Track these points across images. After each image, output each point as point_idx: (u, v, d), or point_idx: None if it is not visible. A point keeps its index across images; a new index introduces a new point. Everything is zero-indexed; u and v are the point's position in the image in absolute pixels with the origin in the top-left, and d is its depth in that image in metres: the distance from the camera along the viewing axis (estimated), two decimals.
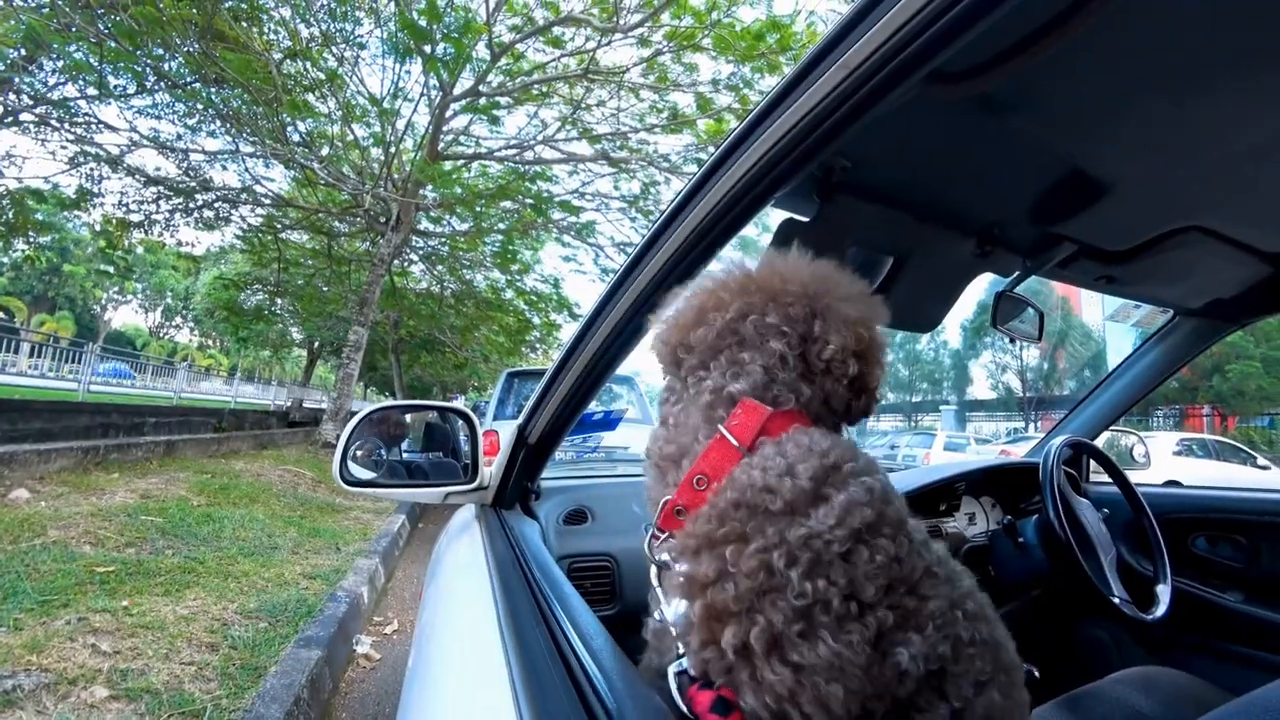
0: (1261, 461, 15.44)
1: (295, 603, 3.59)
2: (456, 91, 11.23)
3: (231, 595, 3.61)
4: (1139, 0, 0.67)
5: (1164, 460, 12.70)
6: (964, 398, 44.59)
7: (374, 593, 4.40)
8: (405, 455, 1.63)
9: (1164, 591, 1.71)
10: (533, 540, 1.22)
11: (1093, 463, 2.21)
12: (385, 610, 4.35)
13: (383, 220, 12.57)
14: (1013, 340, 1.58)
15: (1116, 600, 1.58)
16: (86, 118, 10.76)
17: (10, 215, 11.33)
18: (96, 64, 9.25)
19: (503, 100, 12.03)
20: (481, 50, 10.59)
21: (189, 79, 10.17)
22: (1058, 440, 1.86)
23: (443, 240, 15.99)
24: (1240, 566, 1.94)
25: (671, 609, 0.67)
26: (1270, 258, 1.46)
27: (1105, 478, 2.05)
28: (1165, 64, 0.80)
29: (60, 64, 10.01)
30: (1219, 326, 1.98)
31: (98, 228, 13.28)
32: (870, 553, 0.64)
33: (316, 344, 28.53)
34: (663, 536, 0.72)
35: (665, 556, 0.70)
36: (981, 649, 0.67)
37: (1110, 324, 34.64)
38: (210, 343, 55.75)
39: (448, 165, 12.71)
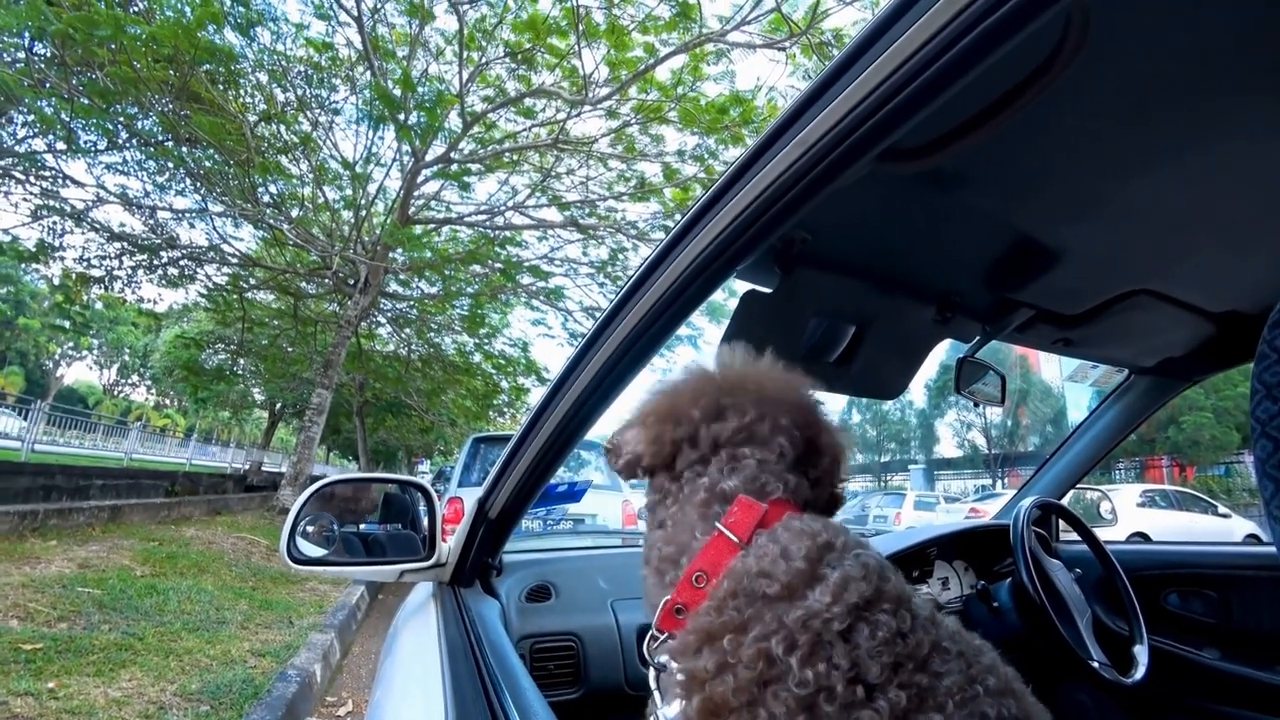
0: (1222, 510, 15.77)
1: (241, 683, 3.36)
2: (429, 157, 11.42)
3: (171, 675, 3.36)
4: (1078, 80, 0.71)
5: (1129, 512, 12.93)
6: (932, 456, 45.16)
7: (328, 670, 4.15)
8: (363, 528, 1.55)
9: (1141, 652, 1.70)
10: (490, 622, 1.16)
11: (1062, 522, 2.22)
12: (340, 690, 4.10)
13: (351, 282, 12.51)
14: (976, 404, 1.60)
15: (1095, 664, 1.55)
16: (52, 172, 10.64)
17: None
18: (67, 119, 9.22)
19: (474, 167, 12.26)
20: (454, 119, 10.85)
21: (161, 138, 10.18)
22: (1026, 501, 1.86)
23: (411, 303, 15.94)
24: (1214, 622, 1.94)
25: (670, 710, 0.64)
26: (1215, 318, 1.52)
27: (1075, 536, 2.06)
28: (1106, 139, 0.85)
29: (30, 118, 9.95)
30: (1172, 384, 2.04)
31: (56, 282, 12.92)
32: (871, 630, 0.62)
33: (279, 406, 27.80)
34: (661, 638, 0.70)
35: (664, 658, 0.68)
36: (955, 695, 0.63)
37: (1069, 383, 35.76)
38: (167, 402, 53.94)
39: (418, 229, 12.79)
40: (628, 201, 12.35)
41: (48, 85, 8.76)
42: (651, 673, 0.69)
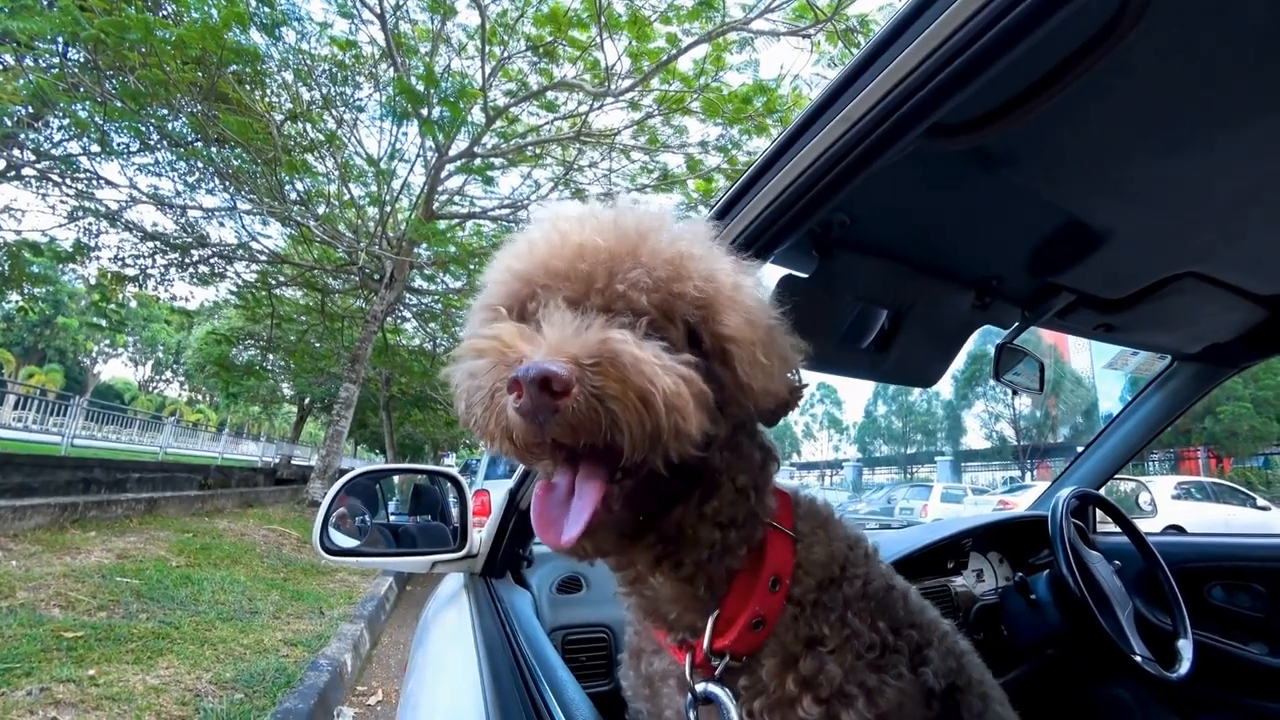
0: (1261, 502, 15.28)
1: (274, 672, 3.42)
2: (452, 153, 11.50)
3: (207, 663, 3.44)
4: (1127, 57, 0.68)
5: (1163, 504, 12.63)
6: (958, 448, 44.54)
7: (358, 660, 4.21)
8: (392, 518, 1.56)
9: (1186, 647, 1.64)
10: (523, 613, 1.15)
11: (1099, 512, 2.17)
12: (369, 679, 4.16)
13: (377, 278, 12.66)
14: (1015, 392, 1.56)
15: (1139, 659, 1.51)
16: (87, 174, 10.92)
17: (6, 267, 11.34)
18: (101, 122, 9.44)
19: (497, 161, 12.32)
20: (477, 114, 10.90)
21: (191, 138, 10.39)
22: (1065, 492, 1.81)
23: (436, 298, 16.09)
24: (1261, 617, 1.88)
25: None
26: (1265, 300, 1.47)
27: (1112, 527, 2.01)
28: (1154, 117, 0.82)
29: (65, 122, 10.23)
30: (1218, 371, 1.98)
31: (93, 281, 13.31)
32: (886, 579, 0.68)
33: (307, 400, 28.30)
34: (720, 664, 0.62)
35: (714, 688, 0.61)
36: (971, 657, 0.73)
37: (1105, 371, 35.04)
38: (200, 397, 55.23)
39: (442, 224, 12.89)
40: (651, 193, 12.31)
41: (81, 89, 8.98)
42: (693, 710, 0.63)
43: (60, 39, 8.67)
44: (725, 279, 0.60)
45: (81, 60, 9.08)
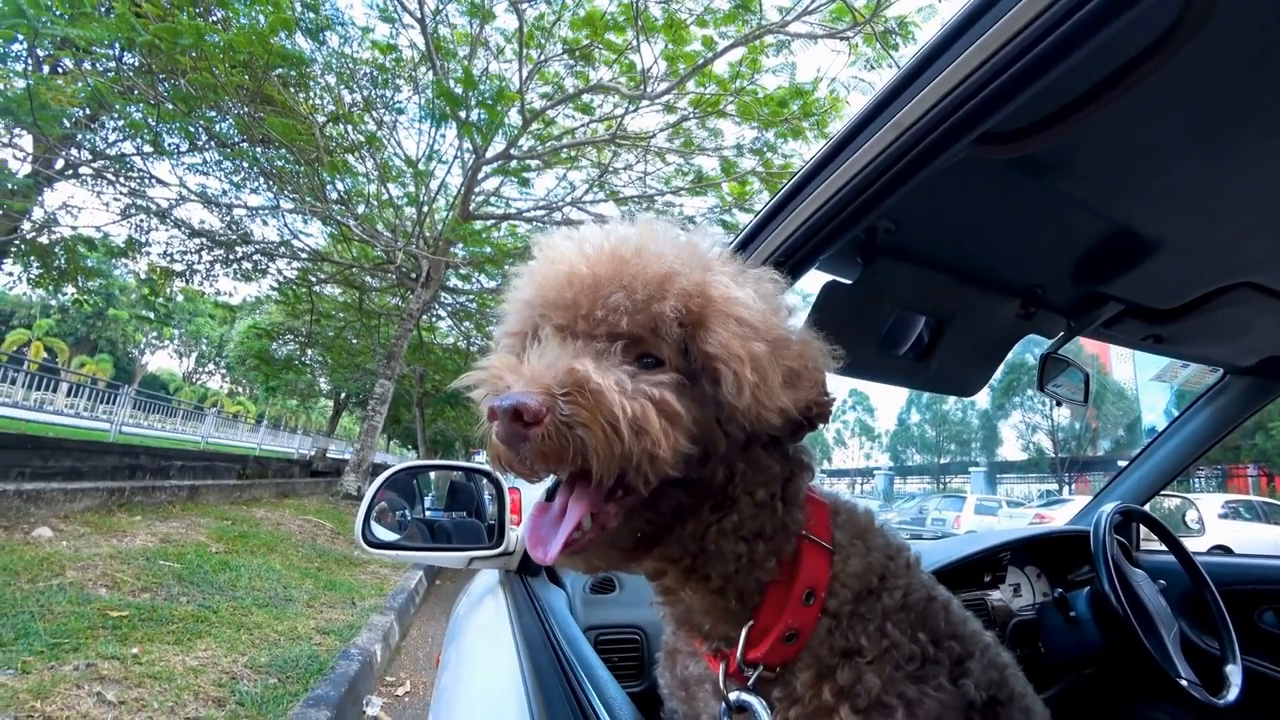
0: None
1: (307, 658, 3.51)
2: (489, 154, 11.64)
3: (243, 648, 3.54)
4: (1180, 60, 0.66)
5: (1210, 523, 12.16)
6: (994, 459, 43.47)
7: (388, 651, 4.29)
8: (428, 514, 1.59)
9: (1234, 673, 1.58)
10: (559, 611, 1.16)
11: (1143, 529, 2.10)
12: (398, 670, 4.23)
13: (413, 276, 12.89)
14: (1059, 403, 1.53)
15: (1184, 682, 1.45)
16: (140, 173, 11.37)
17: (63, 261, 11.84)
18: (153, 124, 9.81)
19: (533, 163, 12.44)
20: (514, 116, 11.02)
21: (238, 139, 10.74)
22: (1108, 507, 1.76)
23: (471, 297, 16.29)
24: None
25: None
26: None
27: (1156, 545, 1.94)
28: (1207, 122, 0.79)
29: (120, 123, 10.66)
30: (1272, 385, 1.90)
31: (142, 275, 13.83)
32: (928, 590, 0.68)
33: (343, 395, 28.88)
34: (753, 674, 0.63)
35: (749, 697, 0.62)
36: (1015, 671, 0.71)
37: (1152, 384, 33.83)
38: (240, 390, 56.80)
39: (478, 225, 13.05)
40: (685, 196, 12.30)
41: (135, 92, 9.34)
42: (729, 714, 0.63)
43: (117, 44, 9.00)
44: (717, 292, 0.59)
45: (136, 64, 9.43)
